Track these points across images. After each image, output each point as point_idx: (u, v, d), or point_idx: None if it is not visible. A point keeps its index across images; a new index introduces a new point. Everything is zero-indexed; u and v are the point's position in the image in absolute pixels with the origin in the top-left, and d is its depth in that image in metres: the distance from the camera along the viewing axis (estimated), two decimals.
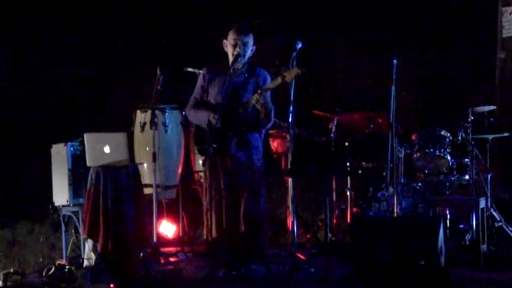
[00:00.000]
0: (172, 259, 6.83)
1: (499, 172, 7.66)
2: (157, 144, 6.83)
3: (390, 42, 8.32)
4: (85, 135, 6.42)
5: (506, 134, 7.27)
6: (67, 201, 6.74)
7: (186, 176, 7.49)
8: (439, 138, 7.13)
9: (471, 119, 6.97)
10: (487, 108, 7.18)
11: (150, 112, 6.91)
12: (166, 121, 7.20)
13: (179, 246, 7.10)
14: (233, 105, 6.06)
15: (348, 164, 6.72)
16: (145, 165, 7.10)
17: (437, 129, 7.16)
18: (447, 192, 7.27)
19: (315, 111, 7.47)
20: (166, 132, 7.19)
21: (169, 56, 8.44)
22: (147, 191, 6.82)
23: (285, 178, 7.39)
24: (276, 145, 7.53)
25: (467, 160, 7.02)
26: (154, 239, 6.83)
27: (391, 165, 6.66)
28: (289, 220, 6.98)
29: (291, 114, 6.01)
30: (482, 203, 6.91)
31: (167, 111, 7.22)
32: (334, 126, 7.26)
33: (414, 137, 7.22)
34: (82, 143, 6.52)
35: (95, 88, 8.74)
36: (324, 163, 6.19)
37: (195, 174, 7.50)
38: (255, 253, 6.16)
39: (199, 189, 7.37)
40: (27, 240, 8.10)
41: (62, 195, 6.78)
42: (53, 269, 6.48)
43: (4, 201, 8.16)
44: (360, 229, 5.88)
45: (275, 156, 7.55)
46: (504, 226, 7.06)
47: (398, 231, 5.69)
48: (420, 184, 7.06)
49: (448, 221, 7.00)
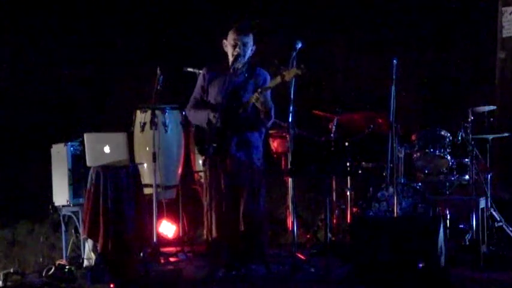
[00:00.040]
0: (172, 259, 6.83)
1: (499, 172, 7.66)
2: (157, 144, 6.83)
3: (390, 42, 8.31)
4: (85, 135, 6.42)
5: (506, 134, 7.28)
6: (67, 201, 6.74)
7: (186, 176, 7.48)
8: (439, 138, 7.13)
9: (471, 119, 6.98)
10: (487, 108, 7.18)
11: (150, 112, 6.91)
12: (166, 121, 7.19)
13: (179, 246, 7.10)
14: (233, 105, 6.05)
15: (348, 164, 6.69)
16: (145, 165, 7.10)
17: (437, 129, 7.17)
18: (447, 192, 7.27)
19: (315, 111, 7.47)
20: (166, 132, 7.18)
21: (169, 56, 8.44)
22: (147, 191, 6.82)
23: (285, 178, 7.38)
24: (276, 145, 7.53)
25: (467, 160, 7.03)
26: (154, 239, 6.83)
27: (391, 165, 6.66)
28: (289, 220, 6.99)
29: (291, 114, 6.01)
30: (482, 203, 6.91)
31: (167, 111, 7.21)
32: (334, 126, 7.26)
33: (414, 137, 7.22)
34: (82, 143, 6.51)
35: (95, 88, 8.74)
36: (324, 163, 6.19)
37: (195, 174, 7.50)
38: (255, 253, 6.15)
39: (199, 189, 7.38)
40: (27, 240, 8.10)
41: (62, 195, 6.77)
42: (53, 269, 6.47)
43: (4, 201, 8.15)
44: (360, 229, 5.88)
45: (275, 156, 7.54)
46: (504, 226, 7.06)
47: (398, 231, 5.69)
48: (420, 184, 7.06)
49: (448, 221, 6.99)
